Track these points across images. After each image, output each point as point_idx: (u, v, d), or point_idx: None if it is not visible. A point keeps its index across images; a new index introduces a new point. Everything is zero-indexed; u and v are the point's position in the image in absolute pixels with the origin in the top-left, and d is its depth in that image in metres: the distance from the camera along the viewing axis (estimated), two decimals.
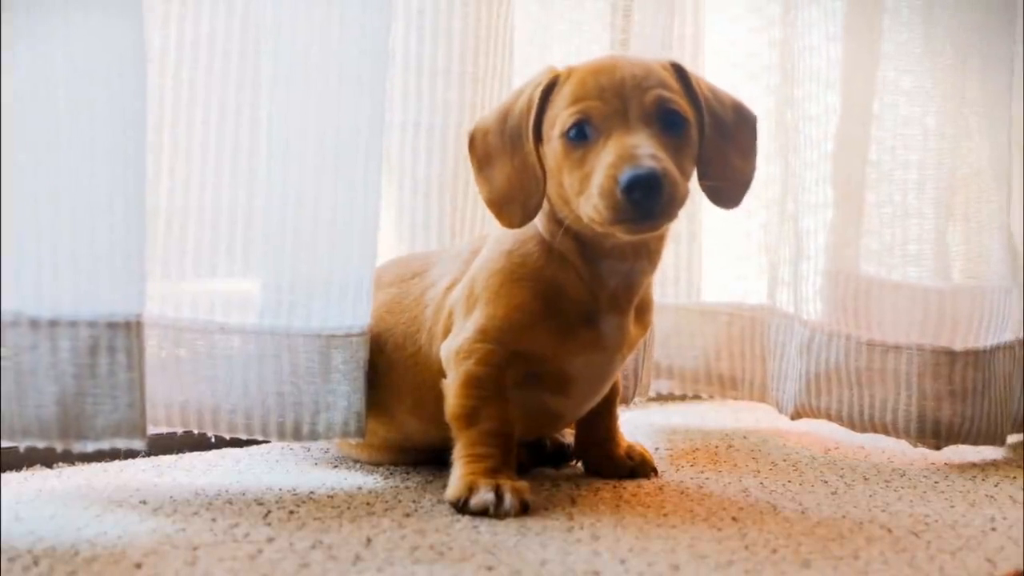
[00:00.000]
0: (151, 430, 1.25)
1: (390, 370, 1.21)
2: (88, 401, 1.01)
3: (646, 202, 1.01)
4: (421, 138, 1.38)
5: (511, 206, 1.12)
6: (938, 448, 1.41)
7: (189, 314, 1.17)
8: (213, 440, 1.29)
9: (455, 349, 1.13)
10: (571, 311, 1.13)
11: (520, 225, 1.12)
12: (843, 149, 1.47)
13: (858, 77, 1.46)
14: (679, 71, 1.13)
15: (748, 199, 1.57)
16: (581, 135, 1.07)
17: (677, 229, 1.61)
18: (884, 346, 1.42)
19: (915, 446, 1.42)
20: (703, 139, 1.12)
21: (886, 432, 1.43)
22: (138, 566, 0.89)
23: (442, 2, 1.38)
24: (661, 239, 1.16)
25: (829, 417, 1.46)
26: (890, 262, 1.46)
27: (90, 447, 1.02)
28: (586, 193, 1.05)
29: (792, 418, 1.49)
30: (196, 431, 1.19)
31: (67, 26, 1.00)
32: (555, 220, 1.13)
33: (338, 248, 1.18)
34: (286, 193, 1.17)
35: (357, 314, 1.18)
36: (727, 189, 1.15)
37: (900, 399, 1.41)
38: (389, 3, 1.18)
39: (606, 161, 1.03)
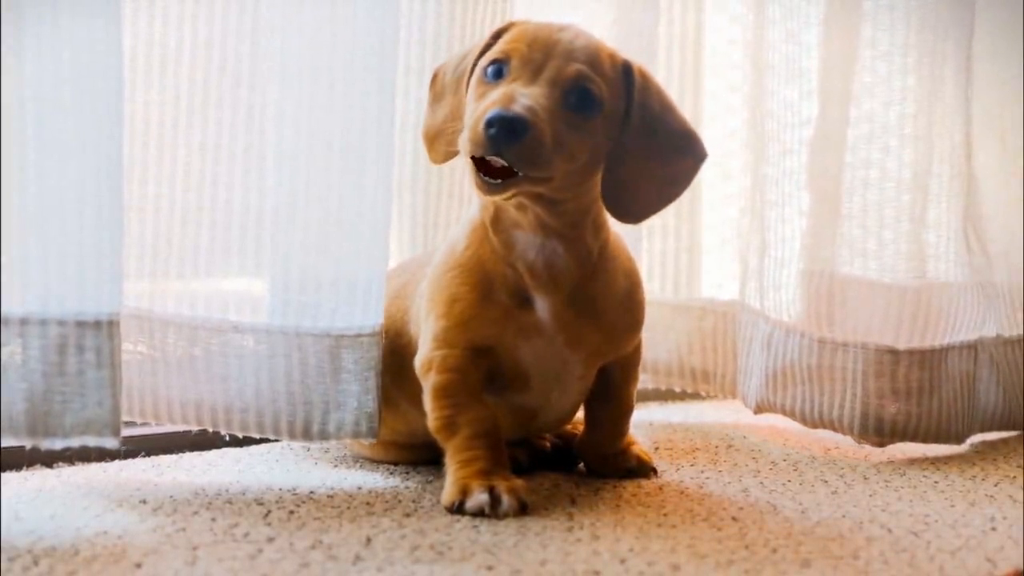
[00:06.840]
0: (167, 428, 1.26)
1: (393, 358, 1.21)
2: (56, 399, 1.01)
3: (499, 142, 1.01)
4: (395, 137, 1.38)
5: (439, 141, 1.15)
6: (881, 445, 1.42)
7: (204, 313, 1.18)
8: (213, 439, 1.29)
9: (420, 362, 1.14)
10: (501, 292, 1.12)
11: (443, 160, 1.16)
12: (815, 150, 1.47)
13: (836, 77, 1.46)
14: (627, 70, 1.11)
15: (734, 194, 1.59)
16: (496, 74, 1.07)
17: (663, 223, 1.62)
18: (833, 344, 1.43)
19: (859, 443, 1.43)
20: (623, 141, 1.09)
21: (833, 428, 1.44)
22: (138, 566, 0.89)
23: (416, 1, 1.38)
24: (572, 224, 1.11)
25: (784, 412, 1.47)
26: (850, 260, 1.47)
27: (59, 445, 1.02)
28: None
29: (755, 412, 1.51)
30: (211, 429, 1.19)
31: (39, 24, 0.99)
32: None
33: (347, 248, 1.18)
34: (295, 191, 1.17)
35: (367, 314, 1.18)
36: (625, 202, 1.12)
37: (846, 396, 1.42)
38: (396, 1, 1.18)
39: (490, 99, 1.04)
